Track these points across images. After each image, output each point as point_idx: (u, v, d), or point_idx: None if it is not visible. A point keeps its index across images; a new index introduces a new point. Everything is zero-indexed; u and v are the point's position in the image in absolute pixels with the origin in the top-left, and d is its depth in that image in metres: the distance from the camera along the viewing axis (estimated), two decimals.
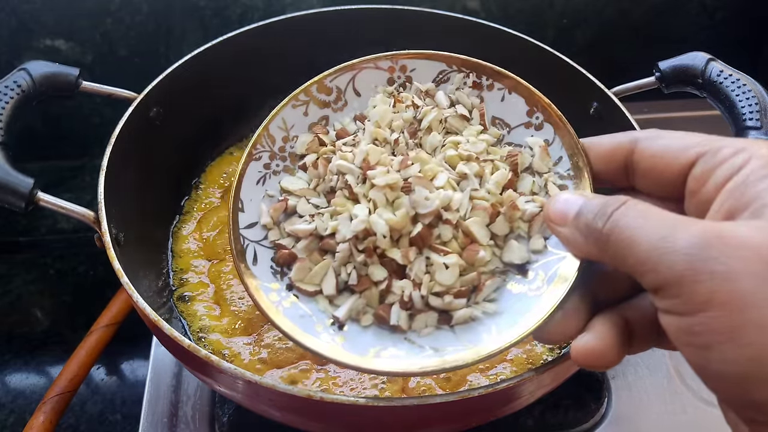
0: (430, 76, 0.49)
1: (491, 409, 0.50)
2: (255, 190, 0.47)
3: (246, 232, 0.45)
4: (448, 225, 0.42)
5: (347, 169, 0.45)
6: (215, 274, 0.63)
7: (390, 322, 0.42)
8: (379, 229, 0.41)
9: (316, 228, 0.44)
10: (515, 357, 0.57)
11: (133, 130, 0.60)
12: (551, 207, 0.38)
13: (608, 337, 0.36)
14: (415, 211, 0.42)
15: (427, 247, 0.42)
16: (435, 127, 0.47)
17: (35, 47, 0.80)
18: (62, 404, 0.63)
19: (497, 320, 0.41)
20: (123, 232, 0.56)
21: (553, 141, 0.45)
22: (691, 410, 0.63)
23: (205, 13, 0.82)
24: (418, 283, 0.42)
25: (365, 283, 0.42)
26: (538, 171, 0.45)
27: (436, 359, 0.40)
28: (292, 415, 0.50)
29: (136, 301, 0.49)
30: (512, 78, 0.47)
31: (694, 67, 0.58)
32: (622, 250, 0.33)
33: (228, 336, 0.58)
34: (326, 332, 0.42)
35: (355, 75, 0.50)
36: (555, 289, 0.39)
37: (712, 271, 0.29)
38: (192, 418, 0.61)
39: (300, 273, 0.44)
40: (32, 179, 0.52)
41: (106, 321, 0.68)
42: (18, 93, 0.56)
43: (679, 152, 0.36)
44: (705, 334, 0.29)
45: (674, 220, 0.32)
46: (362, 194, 0.43)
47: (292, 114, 0.48)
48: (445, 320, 0.42)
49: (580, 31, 0.90)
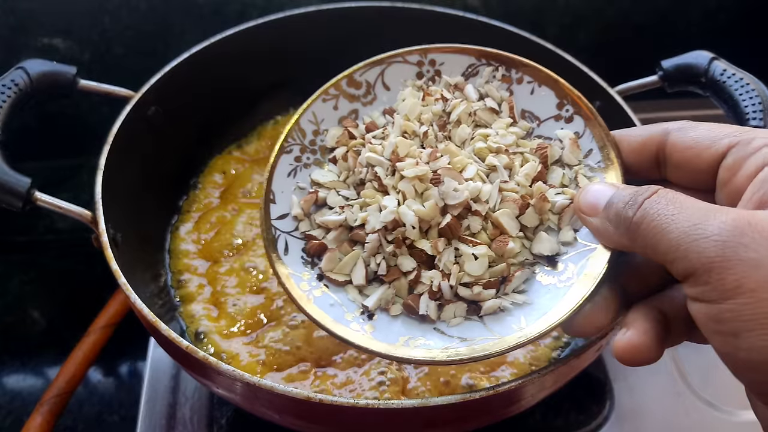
0: (459, 69, 0.50)
1: (492, 412, 0.50)
2: (286, 182, 0.48)
3: (277, 223, 0.46)
4: (477, 216, 0.42)
5: (376, 162, 0.45)
6: (213, 275, 0.63)
7: (419, 311, 0.42)
8: (408, 220, 0.42)
9: (346, 219, 0.45)
10: (515, 360, 0.56)
11: (130, 129, 0.59)
12: (582, 198, 0.39)
13: (650, 332, 0.36)
14: (444, 202, 0.42)
15: (456, 238, 0.42)
16: (464, 119, 0.47)
17: (32, 46, 0.80)
18: (60, 405, 0.63)
19: (526, 311, 0.41)
20: (121, 232, 0.56)
21: (583, 133, 0.46)
22: (693, 412, 0.63)
23: (204, 11, 0.81)
24: (447, 273, 0.42)
25: (394, 273, 0.43)
26: (568, 163, 0.45)
27: (465, 348, 0.40)
28: (291, 417, 0.50)
29: (134, 301, 0.49)
30: (542, 71, 0.48)
31: (697, 66, 0.57)
32: (653, 238, 0.33)
33: (226, 337, 0.58)
34: (356, 321, 0.43)
35: (384, 69, 0.50)
36: (585, 280, 0.39)
37: (741, 258, 0.29)
38: (190, 420, 0.61)
39: (330, 263, 0.44)
40: (29, 179, 0.52)
41: (103, 322, 0.68)
42: (15, 92, 0.56)
43: (711, 143, 0.37)
44: (733, 321, 0.30)
45: (706, 208, 0.32)
46: (391, 186, 0.44)
47: (322, 108, 0.49)
48: (474, 311, 0.42)
49: (582, 29, 0.90)
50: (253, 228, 0.66)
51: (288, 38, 0.70)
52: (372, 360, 0.56)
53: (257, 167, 0.71)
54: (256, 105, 0.74)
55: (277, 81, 0.73)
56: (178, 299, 0.61)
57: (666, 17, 0.91)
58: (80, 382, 0.65)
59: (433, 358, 0.40)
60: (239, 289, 0.61)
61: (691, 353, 0.68)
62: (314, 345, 0.57)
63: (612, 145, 0.43)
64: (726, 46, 0.64)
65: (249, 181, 0.70)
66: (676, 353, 0.68)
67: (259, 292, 0.61)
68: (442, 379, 0.55)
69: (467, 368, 0.55)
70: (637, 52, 0.81)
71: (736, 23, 0.92)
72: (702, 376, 0.66)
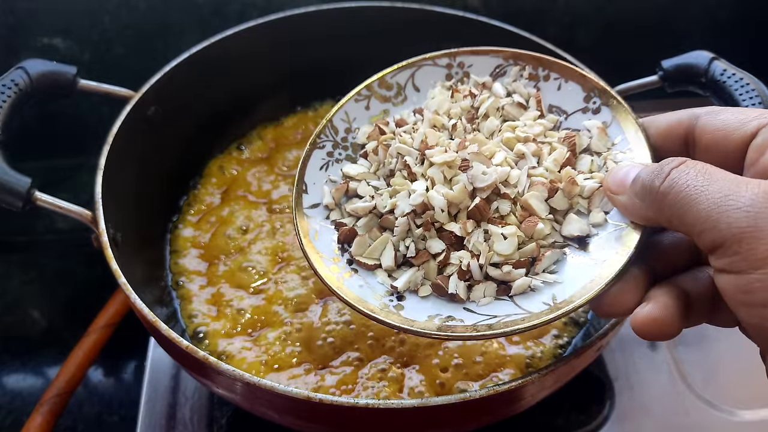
0: (487, 70, 0.51)
1: (492, 412, 0.50)
2: (318, 175, 0.49)
3: (309, 212, 0.48)
4: (506, 199, 0.43)
5: (406, 151, 0.46)
6: (213, 275, 0.63)
7: (448, 291, 0.43)
8: (437, 203, 0.43)
9: (375, 206, 0.46)
10: (515, 354, 0.56)
11: (130, 129, 0.59)
12: (610, 177, 0.40)
13: (670, 307, 0.36)
14: (473, 186, 0.43)
15: (485, 220, 0.43)
16: (492, 113, 0.49)
17: (32, 46, 0.80)
18: (60, 405, 0.63)
19: (556, 289, 0.42)
20: (120, 232, 0.56)
21: (611, 122, 0.46)
22: (693, 412, 0.63)
23: (204, 11, 0.81)
24: (476, 254, 0.43)
25: (423, 256, 0.44)
26: (597, 151, 0.46)
27: (496, 322, 0.41)
28: (291, 417, 0.50)
29: (134, 301, 0.49)
30: (569, 67, 0.49)
31: (698, 66, 0.57)
32: (680, 209, 0.33)
33: (226, 337, 0.58)
34: (385, 300, 0.44)
35: (415, 72, 0.52)
36: (615, 259, 0.40)
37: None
38: (190, 420, 0.61)
39: (360, 248, 0.46)
40: (29, 178, 0.52)
41: (103, 322, 0.68)
42: (15, 92, 0.56)
43: (740, 125, 0.37)
44: (763, 290, 0.30)
45: (736, 180, 0.32)
46: (421, 173, 0.45)
47: (354, 107, 0.51)
48: (504, 291, 0.43)
49: (582, 29, 0.90)
50: (254, 228, 0.66)
51: (288, 38, 0.70)
52: (372, 360, 0.56)
53: (257, 167, 0.71)
54: (256, 105, 0.74)
55: (277, 81, 0.73)
56: (178, 299, 0.61)
57: (666, 17, 0.91)
58: (80, 382, 0.65)
59: (463, 333, 0.41)
60: (239, 289, 0.61)
61: (691, 353, 0.68)
62: (314, 344, 0.57)
63: (641, 131, 0.44)
64: (726, 45, 0.64)
65: (249, 182, 0.70)
66: (676, 353, 0.68)
67: (258, 292, 0.61)
68: (438, 381, 0.55)
69: (462, 374, 0.55)
70: (637, 52, 0.81)
71: (736, 22, 0.92)
72: (702, 376, 0.66)
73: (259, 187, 0.69)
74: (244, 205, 0.68)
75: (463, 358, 0.56)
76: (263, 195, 0.69)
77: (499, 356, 0.56)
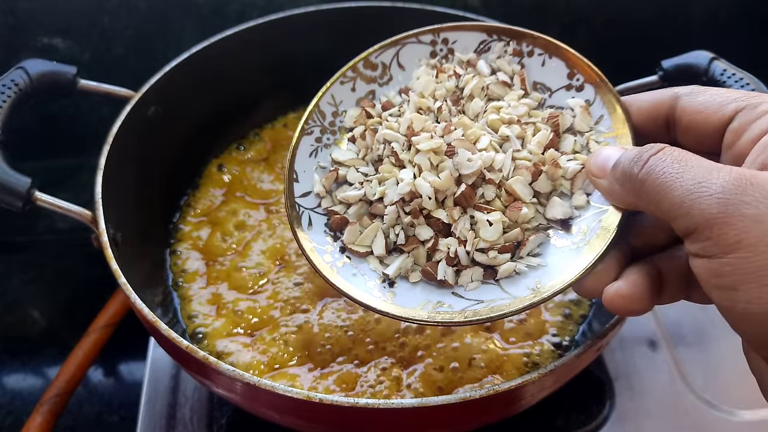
0: (471, 46, 0.51)
1: (492, 412, 0.50)
2: (308, 162, 0.50)
3: (301, 200, 0.48)
4: (491, 185, 0.44)
5: (393, 138, 0.47)
6: (213, 275, 0.63)
7: (437, 277, 0.44)
8: (425, 191, 0.44)
9: (365, 194, 0.47)
10: (514, 355, 0.56)
11: (130, 129, 0.59)
12: (592, 160, 0.41)
13: (639, 284, 0.37)
14: (459, 173, 0.44)
15: (471, 207, 0.44)
16: (477, 94, 0.49)
17: (32, 45, 0.80)
18: (60, 405, 0.63)
19: (541, 273, 0.43)
20: (121, 232, 0.56)
21: (594, 100, 0.47)
22: (693, 412, 0.63)
23: (204, 11, 0.81)
24: (463, 240, 0.44)
25: (413, 242, 0.45)
26: (580, 131, 0.46)
27: (482, 308, 0.42)
28: (291, 417, 0.50)
29: (134, 301, 0.49)
30: (551, 41, 0.49)
31: (697, 66, 0.57)
32: (657, 195, 0.34)
33: (226, 337, 0.58)
34: (377, 289, 0.45)
35: (399, 50, 0.52)
36: (597, 241, 0.41)
37: (743, 214, 0.31)
38: (190, 420, 0.61)
39: (351, 236, 0.47)
40: (29, 178, 0.52)
41: (103, 322, 0.68)
42: (15, 92, 0.56)
43: (718, 107, 0.38)
44: (732, 274, 0.31)
45: (709, 167, 0.33)
46: (408, 160, 0.46)
47: (340, 90, 0.51)
48: (491, 275, 0.44)
49: (582, 28, 0.90)
50: (253, 228, 0.66)
51: (288, 38, 0.70)
52: (371, 360, 0.56)
53: (257, 167, 0.71)
54: (256, 105, 0.74)
55: (277, 81, 0.73)
56: (178, 299, 0.61)
57: (666, 16, 0.91)
58: (80, 382, 0.65)
59: (451, 319, 0.42)
60: (239, 290, 0.61)
61: (691, 353, 0.68)
62: (314, 344, 0.57)
63: (622, 110, 0.44)
64: (726, 45, 0.64)
65: (249, 182, 0.70)
66: (676, 353, 0.68)
67: (258, 292, 0.61)
68: (437, 384, 0.55)
69: (462, 374, 0.55)
70: (637, 52, 0.81)
71: (736, 22, 0.92)
72: (702, 376, 0.66)
73: (259, 188, 0.69)
74: (244, 206, 0.68)
75: (463, 358, 0.56)
76: (263, 195, 0.69)
77: (499, 357, 0.56)
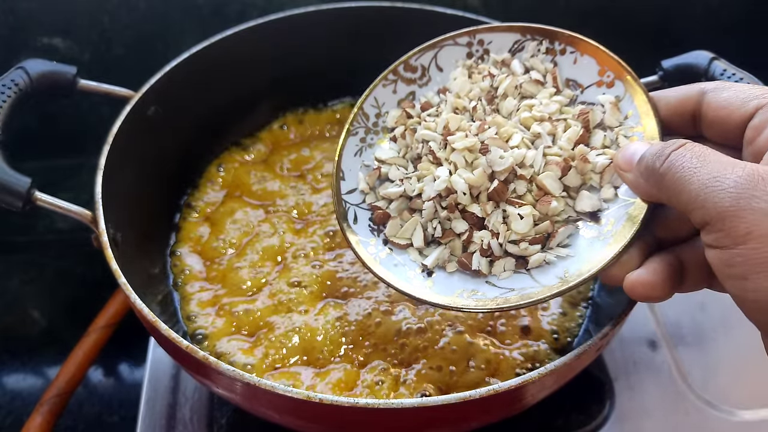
0: (506, 46, 0.54)
1: (492, 412, 0.50)
2: (353, 161, 0.54)
3: (347, 197, 0.52)
4: (522, 180, 0.46)
5: (430, 137, 0.50)
6: (213, 275, 0.63)
7: (472, 267, 0.47)
8: (459, 187, 0.47)
9: (405, 190, 0.50)
10: (514, 355, 0.56)
11: (130, 129, 0.59)
12: (620, 155, 0.42)
13: (660, 272, 0.40)
14: (492, 169, 0.46)
15: (503, 201, 0.47)
16: (510, 92, 0.51)
17: (32, 45, 0.80)
18: (60, 405, 0.63)
19: (569, 263, 0.45)
20: (121, 232, 0.56)
21: (624, 97, 0.49)
22: (693, 412, 0.63)
23: (204, 11, 0.81)
24: (496, 233, 0.47)
25: (449, 235, 0.48)
26: (610, 126, 0.48)
27: (513, 296, 0.45)
28: (291, 417, 0.50)
29: (134, 301, 0.49)
30: (583, 40, 0.51)
31: (698, 66, 0.57)
32: (677, 188, 0.36)
33: (225, 338, 0.58)
34: (417, 278, 0.48)
35: (437, 53, 0.55)
36: (623, 231, 0.43)
37: (753, 208, 0.32)
38: (190, 420, 0.61)
39: (393, 229, 0.50)
40: (29, 178, 0.52)
41: (103, 322, 0.68)
42: (15, 92, 0.56)
43: (741, 104, 0.39)
44: (743, 265, 0.33)
45: (726, 162, 0.35)
46: (444, 158, 0.49)
47: (382, 92, 0.55)
48: (522, 265, 0.47)
49: (582, 28, 0.89)
50: (253, 228, 0.65)
51: (288, 38, 0.70)
52: (371, 362, 0.56)
53: (257, 167, 0.71)
54: (256, 105, 0.74)
55: (277, 81, 0.73)
56: (178, 300, 0.61)
57: (667, 16, 0.91)
58: (80, 382, 0.65)
59: (485, 306, 0.45)
60: (238, 290, 0.61)
61: (691, 353, 0.68)
62: (314, 345, 0.57)
63: (651, 106, 0.45)
64: (726, 45, 0.64)
65: (249, 181, 0.70)
66: (676, 353, 0.68)
67: (257, 293, 0.61)
68: (437, 385, 0.55)
69: (462, 375, 0.55)
70: (637, 52, 0.81)
71: (736, 22, 0.92)
72: (702, 376, 0.66)
73: (259, 188, 0.69)
74: (244, 206, 0.68)
75: (462, 358, 0.56)
76: (263, 196, 0.69)
77: (499, 357, 0.56)
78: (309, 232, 0.65)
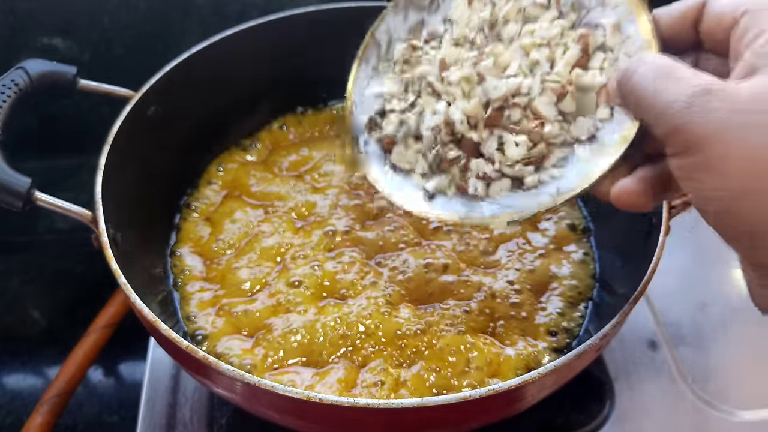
0: None
1: (492, 412, 0.50)
2: (364, 91, 0.55)
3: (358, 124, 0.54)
4: (516, 107, 0.47)
5: (427, 72, 0.52)
6: (213, 276, 0.63)
7: (469, 191, 0.49)
8: (456, 117, 0.48)
9: (408, 120, 0.52)
10: (514, 355, 0.56)
11: (131, 129, 0.59)
12: (614, 77, 0.43)
13: (643, 181, 0.42)
14: (487, 98, 0.47)
15: (499, 128, 0.48)
16: (512, 17, 0.51)
17: (32, 46, 0.80)
18: (60, 405, 0.63)
19: (561, 182, 0.47)
20: (121, 232, 0.56)
21: (626, 16, 0.48)
22: (693, 412, 0.63)
23: (204, 11, 0.81)
24: (491, 160, 0.48)
25: (449, 163, 0.50)
26: (611, 47, 0.48)
27: (509, 211, 0.48)
28: (291, 417, 0.50)
29: (134, 301, 0.49)
30: None
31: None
32: (642, 105, 0.39)
33: (225, 338, 0.58)
34: (419, 201, 0.52)
35: None
36: (614, 149, 0.45)
37: (706, 119, 0.35)
38: (190, 420, 0.61)
39: (398, 156, 0.53)
40: (29, 178, 0.52)
41: (103, 322, 0.68)
42: (15, 92, 0.56)
43: (731, 11, 0.39)
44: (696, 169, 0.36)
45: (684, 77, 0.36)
46: (443, 91, 0.50)
47: (393, 20, 0.56)
48: (518, 185, 0.49)
49: None
50: (253, 228, 0.66)
51: (288, 38, 0.70)
52: (371, 362, 0.56)
53: (256, 167, 0.71)
54: (256, 105, 0.74)
55: (277, 81, 0.73)
56: (178, 300, 0.61)
57: None
58: (80, 382, 0.65)
59: (481, 222, 0.49)
60: (238, 291, 0.61)
61: (691, 353, 0.68)
62: (314, 345, 0.57)
63: (651, 24, 0.46)
64: None
65: (249, 182, 0.70)
66: (676, 353, 0.68)
67: (257, 293, 0.61)
68: (437, 383, 0.55)
69: (461, 375, 0.55)
70: None
71: None
72: (702, 376, 0.66)
73: (259, 188, 0.69)
74: (243, 206, 0.68)
75: (462, 359, 0.56)
76: (262, 196, 0.69)
77: (499, 357, 0.56)
78: (309, 233, 0.65)
